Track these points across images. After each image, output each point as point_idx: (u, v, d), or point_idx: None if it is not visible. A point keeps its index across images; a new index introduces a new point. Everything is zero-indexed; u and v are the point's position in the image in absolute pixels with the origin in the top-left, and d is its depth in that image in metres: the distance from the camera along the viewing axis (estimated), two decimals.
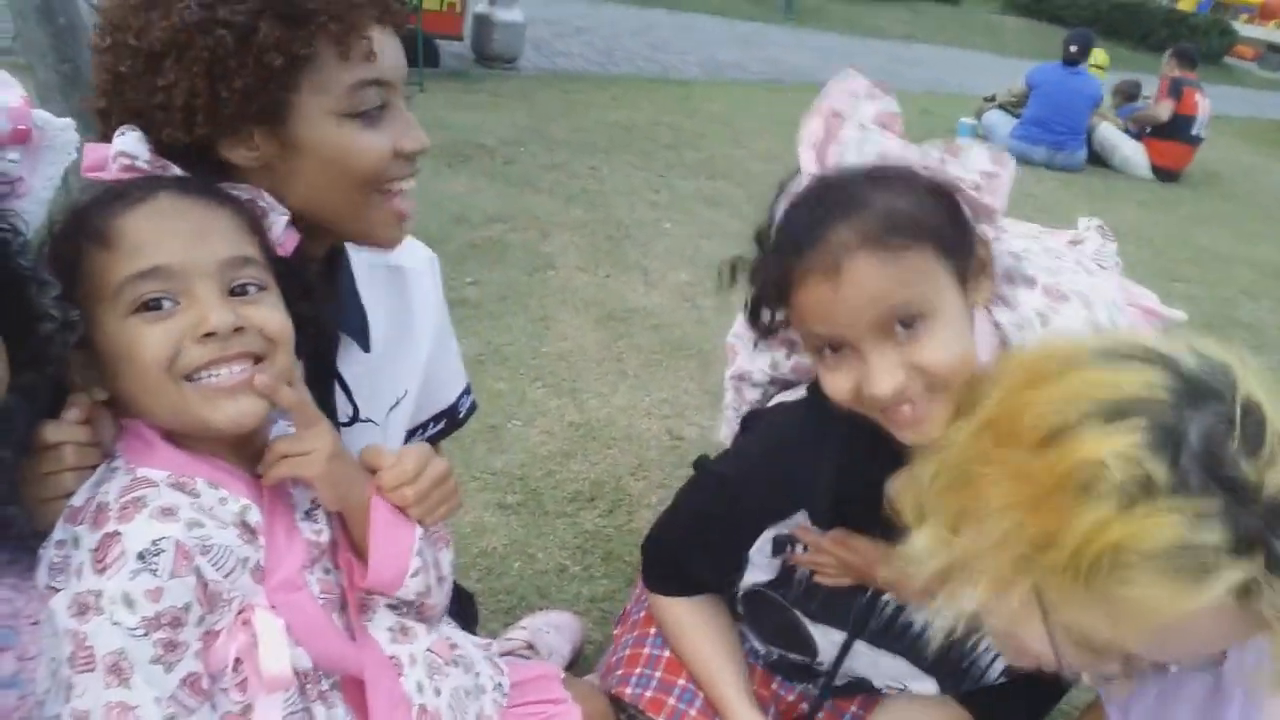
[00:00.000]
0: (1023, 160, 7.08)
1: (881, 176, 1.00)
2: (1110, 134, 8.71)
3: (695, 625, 1.46)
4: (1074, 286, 1.20)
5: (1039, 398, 0.84)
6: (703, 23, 13.72)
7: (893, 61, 13.64)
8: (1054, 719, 1.42)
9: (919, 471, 0.95)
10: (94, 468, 0.93)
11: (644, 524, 2.59)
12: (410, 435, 1.40)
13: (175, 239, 0.90)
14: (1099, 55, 9.15)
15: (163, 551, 0.86)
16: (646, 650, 1.51)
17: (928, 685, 1.35)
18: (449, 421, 1.47)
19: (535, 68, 8.58)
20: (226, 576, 0.91)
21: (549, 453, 2.84)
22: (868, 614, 1.33)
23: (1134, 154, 8.70)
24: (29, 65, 3.29)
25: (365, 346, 1.23)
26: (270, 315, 0.96)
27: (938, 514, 0.92)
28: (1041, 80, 8.37)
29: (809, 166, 1.05)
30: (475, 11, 8.10)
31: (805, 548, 1.31)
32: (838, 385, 1.04)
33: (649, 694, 1.43)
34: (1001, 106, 8.80)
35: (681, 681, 1.45)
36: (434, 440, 1.46)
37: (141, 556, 0.85)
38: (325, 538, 1.06)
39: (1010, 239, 1.18)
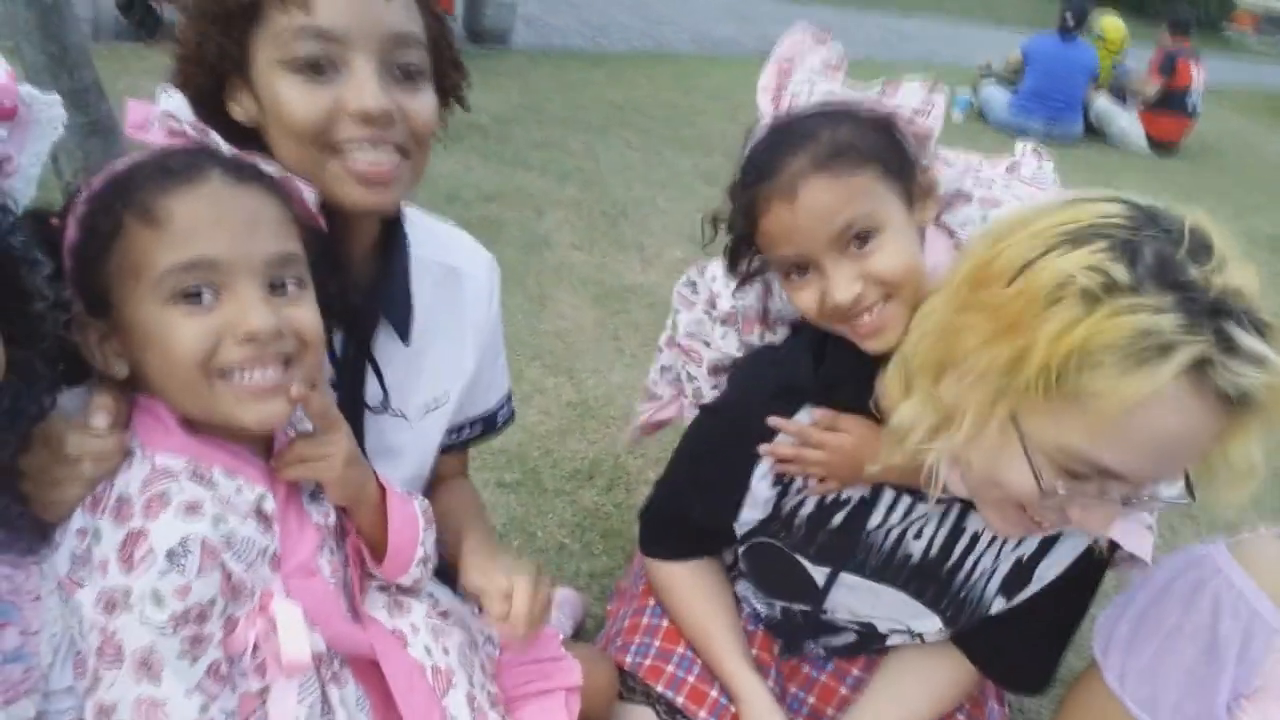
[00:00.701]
0: (1020, 132, 7.04)
1: (828, 113, 1.13)
2: (1107, 106, 8.67)
3: (692, 588, 1.47)
4: (1009, 196, 1.30)
5: (1009, 243, 0.94)
6: None
7: (887, 34, 13.54)
8: (1051, 687, 1.42)
9: (904, 349, 1.08)
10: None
11: (642, 500, 2.59)
12: (448, 434, 1.38)
13: (225, 230, 0.88)
14: (1112, 29, 8.98)
15: (190, 552, 0.86)
16: (645, 620, 1.53)
17: (930, 621, 1.35)
18: (485, 427, 1.46)
19: (527, 44, 8.50)
20: (249, 568, 0.92)
21: (547, 431, 2.84)
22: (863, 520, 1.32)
23: (1130, 126, 8.67)
24: (15, 47, 3.26)
25: (404, 338, 1.21)
26: (306, 316, 0.95)
27: (922, 375, 1.02)
28: (1037, 52, 8.32)
29: (766, 110, 1.19)
30: None
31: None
32: (805, 301, 1.17)
33: (648, 662, 1.44)
34: (997, 79, 8.74)
35: (680, 649, 1.46)
36: (469, 442, 1.45)
37: (170, 556, 0.85)
38: (331, 520, 1.07)
39: (948, 168, 1.29)
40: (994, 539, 1.28)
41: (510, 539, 2.34)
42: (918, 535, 1.30)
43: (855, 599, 1.37)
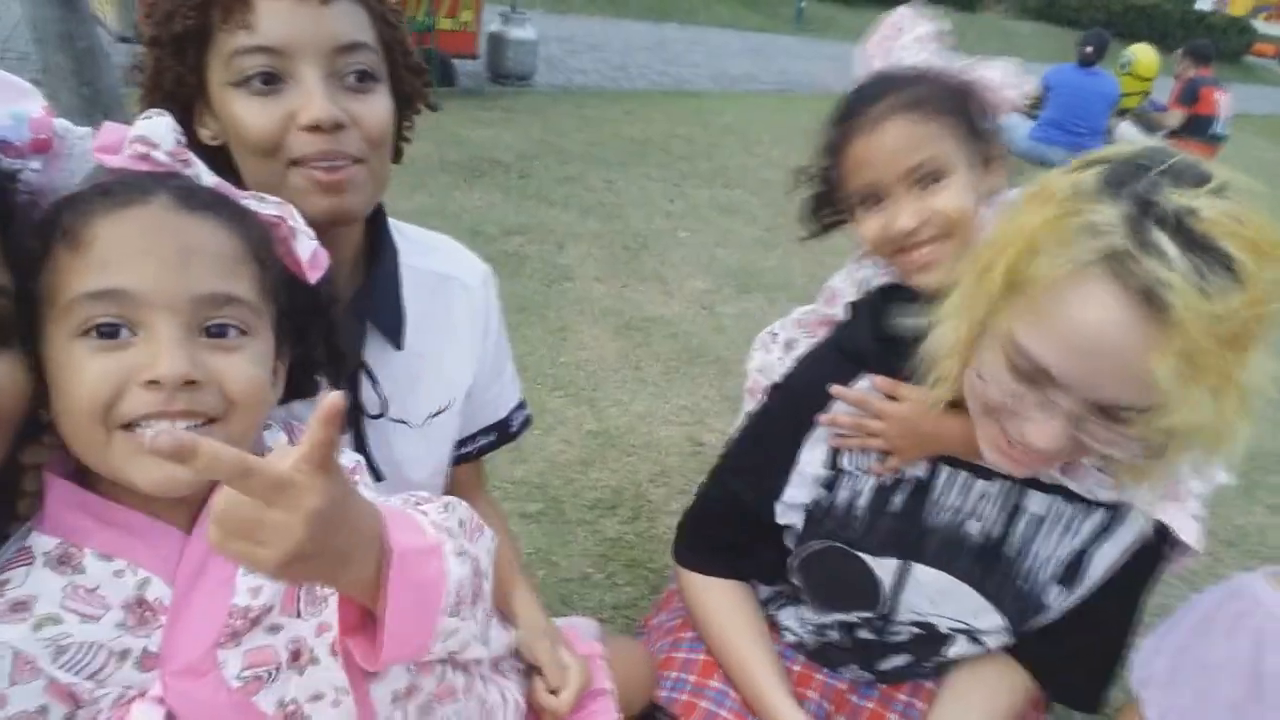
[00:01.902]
0: (1041, 161, 7.01)
1: (919, 72, 1.27)
2: (1129, 134, 8.62)
3: (730, 610, 1.44)
4: None
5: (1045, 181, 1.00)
6: (714, 36, 13.79)
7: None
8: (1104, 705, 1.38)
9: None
10: None
11: (666, 530, 2.57)
12: (460, 445, 1.38)
13: (150, 260, 0.76)
14: (1145, 60, 8.95)
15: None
16: (682, 655, 1.49)
17: (991, 618, 1.31)
18: (500, 434, 1.45)
19: (549, 84, 8.64)
20: (91, 677, 0.76)
21: (569, 461, 2.83)
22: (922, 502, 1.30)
23: None
24: (53, 93, 3.36)
25: (396, 343, 1.22)
26: (240, 370, 0.80)
27: (958, 293, 1.07)
28: (1058, 82, 8.32)
29: (868, 65, 1.32)
30: (489, 30, 8.18)
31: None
32: (870, 229, 1.27)
33: (683, 697, 1.41)
34: (1018, 109, 8.74)
35: (714, 683, 1.43)
36: (484, 451, 1.45)
37: None
38: (266, 598, 0.82)
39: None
40: (1051, 522, 1.25)
41: (533, 570, 2.32)
42: (978, 517, 1.27)
43: (919, 595, 1.34)
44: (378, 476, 1.22)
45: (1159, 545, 1.23)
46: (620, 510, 2.62)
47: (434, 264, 1.28)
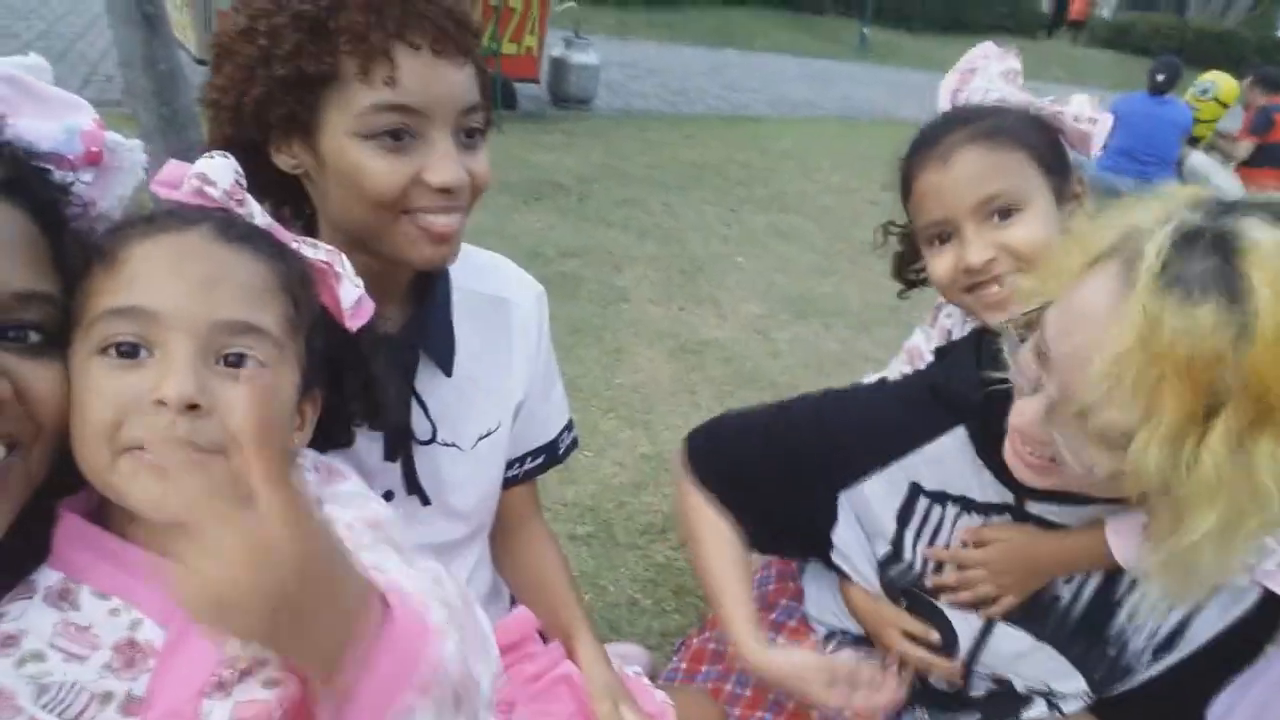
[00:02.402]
0: (1109, 192, 6.85)
1: (997, 106, 1.24)
2: (1201, 164, 8.38)
3: (719, 533, 1.34)
4: None
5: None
6: (775, 61, 13.80)
7: None
8: None
9: None
10: None
11: None
12: (508, 468, 1.39)
13: (174, 282, 0.76)
14: (1226, 88, 8.70)
15: None
16: (729, 688, 1.47)
17: (1074, 683, 1.24)
18: (548, 456, 1.45)
19: (609, 108, 8.73)
20: (73, 719, 0.74)
21: (620, 484, 2.82)
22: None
23: (1227, 184, 8.35)
24: (134, 112, 3.49)
25: (446, 370, 1.23)
26: (249, 404, 0.72)
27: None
28: (1126, 110, 8.13)
29: (943, 105, 1.30)
30: (551, 55, 8.30)
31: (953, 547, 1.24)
32: (942, 266, 1.22)
33: None
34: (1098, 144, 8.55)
35: (759, 714, 1.40)
36: (532, 474, 1.45)
37: None
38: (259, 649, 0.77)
39: None
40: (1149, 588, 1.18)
41: (583, 593, 2.31)
42: (1068, 579, 1.21)
43: (994, 653, 1.28)
44: (424, 501, 1.23)
45: (1272, 616, 1.14)
46: (671, 535, 2.60)
47: (488, 287, 1.30)
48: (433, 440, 1.23)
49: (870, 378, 1.55)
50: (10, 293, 0.73)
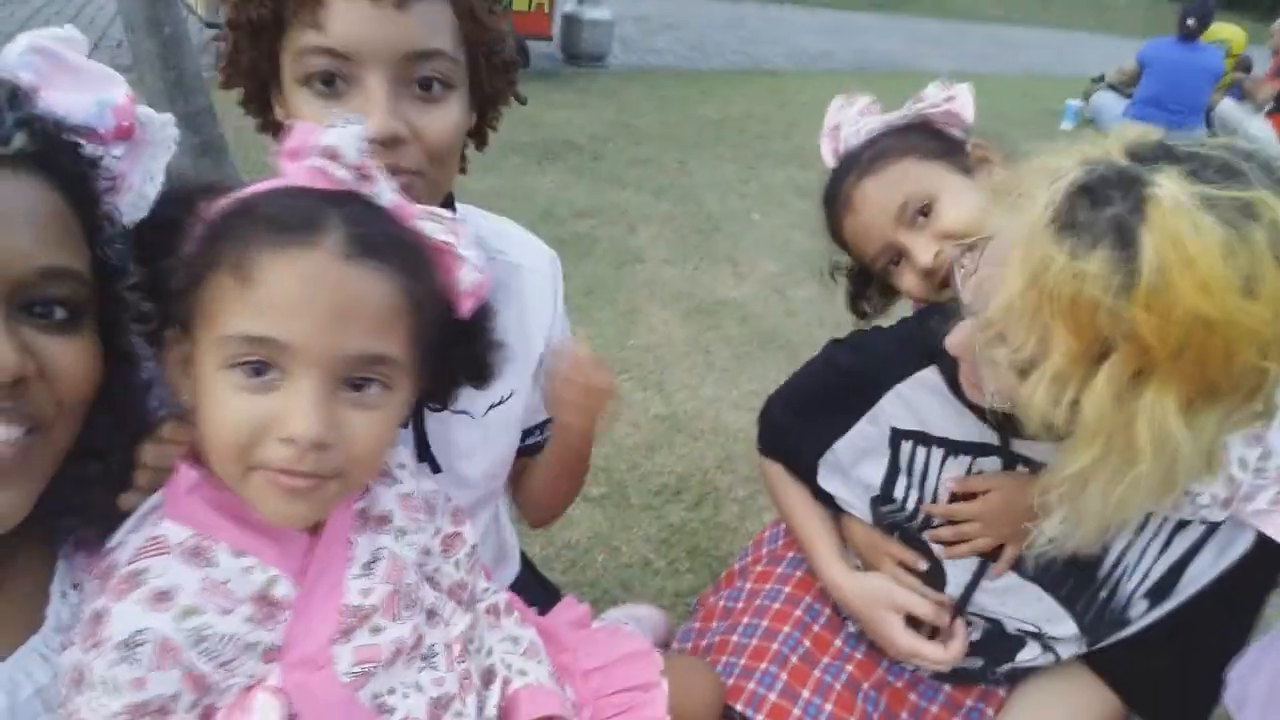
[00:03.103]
0: None
1: (867, 140, 1.34)
2: (1231, 111, 8.15)
3: (792, 491, 1.48)
4: None
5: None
6: (792, 14, 13.54)
7: (989, 45, 13.18)
8: None
9: None
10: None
11: (730, 518, 2.53)
12: (526, 435, 1.36)
13: (308, 314, 0.77)
14: (1231, 34, 8.47)
15: (143, 644, 0.76)
16: (735, 638, 1.47)
17: (1065, 625, 1.25)
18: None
19: (624, 65, 8.60)
20: (224, 665, 0.80)
21: (634, 445, 2.81)
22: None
23: (1260, 132, 8.11)
24: (139, 76, 3.46)
25: None
26: (371, 431, 0.82)
27: None
28: (1155, 57, 7.90)
29: (830, 163, 1.40)
30: (563, 11, 8.16)
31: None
32: (909, 284, 1.30)
33: (731, 681, 1.39)
34: (1111, 87, 8.35)
35: (764, 665, 1.40)
36: (543, 445, 1.43)
37: (123, 645, 0.76)
38: (376, 597, 0.90)
39: None
40: (1145, 529, 1.18)
41: (594, 554, 2.31)
42: None
43: (983, 594, 1.29)
44: (435, 469, 1.21)
45: (1273, 559, 1.13)
46: (685, 496, 2.59)
47: (499, 252, 1.26)
48: (444, 407, 1.21)
49: None
50: (37, 268, 0.72)
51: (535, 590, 1.58)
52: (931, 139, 1.32)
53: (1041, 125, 7.67)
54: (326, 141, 0.81)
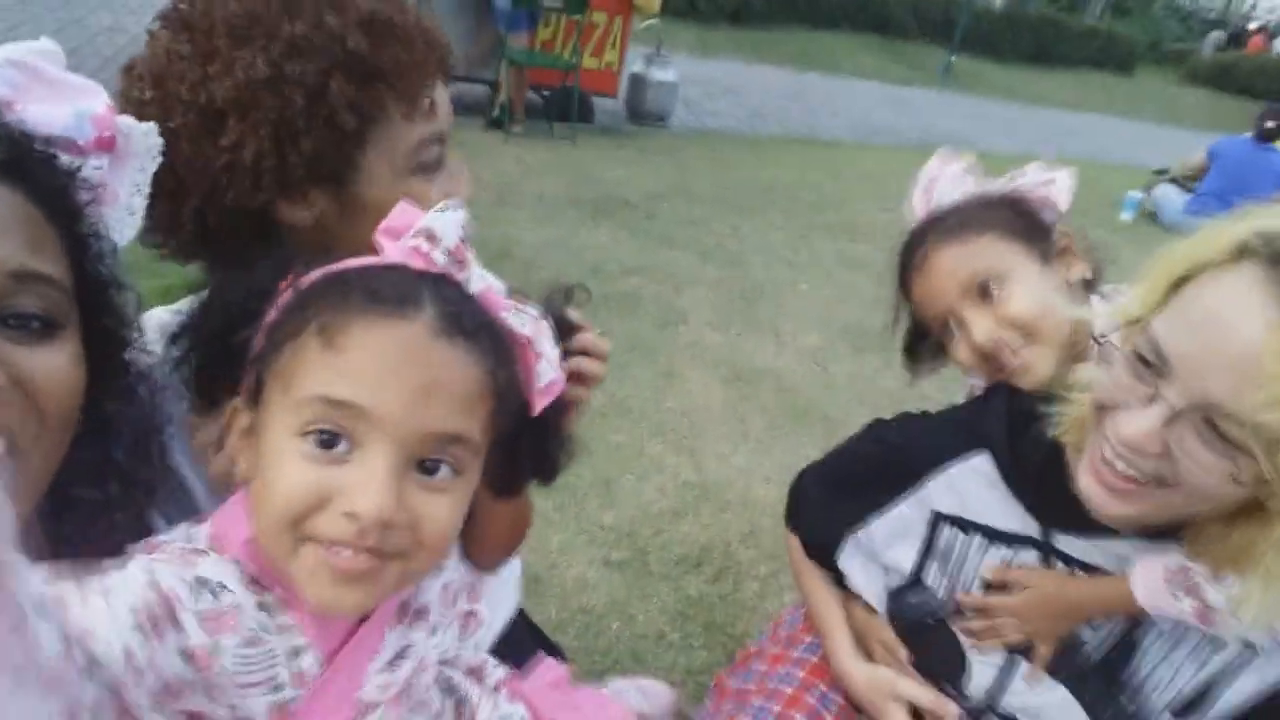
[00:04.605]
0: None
1: (959, 204, 1.34)
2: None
3: (815, 575, 1.47)
4: None
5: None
6: (858, 86, 13.66)
7: (1052, 130, 13.13)
8: None
9: None
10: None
11: (750, 595, 2.49)
12: None
13: (395, 384, 0.74)
14: None
15: (219, 593, 0.75)
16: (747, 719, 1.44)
17: None
18: None
19: (685, 126, 8.73)
20: (240, 686, 0.76)
21: (660, 510, 2.78)
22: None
23: None
24: None
25: None
26: (440, 515, 0.78)
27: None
28: (1225, 152, 7.81)
29: (917, 215, 1.40)
30: (632, 71, 8.34)
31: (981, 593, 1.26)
32: (962, 354, 1.31)
33: None
34: (1174, 180, 8.26)
35: None
36: None
37: (200, 582, 0.74)
38: (391, 693, 0.87)
39: None
40: (1177, 643, 1.15)
41: (609, 621, 2.28)
42: (1094, 625, 1.20)
43: (1015, 694, 1.27)
44: None
45: None
46: (705, 568, 2.56)
47: None
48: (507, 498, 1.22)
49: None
50: (7, 271, 0.71)
51: (527, 644, 1.55)
52: (1020, 218, 1.31)
53: (1101, 214, 7.58)
54: (428, 224, 0.80)
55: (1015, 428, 1.20)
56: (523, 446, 0.90)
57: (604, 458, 2.97)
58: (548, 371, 0.87)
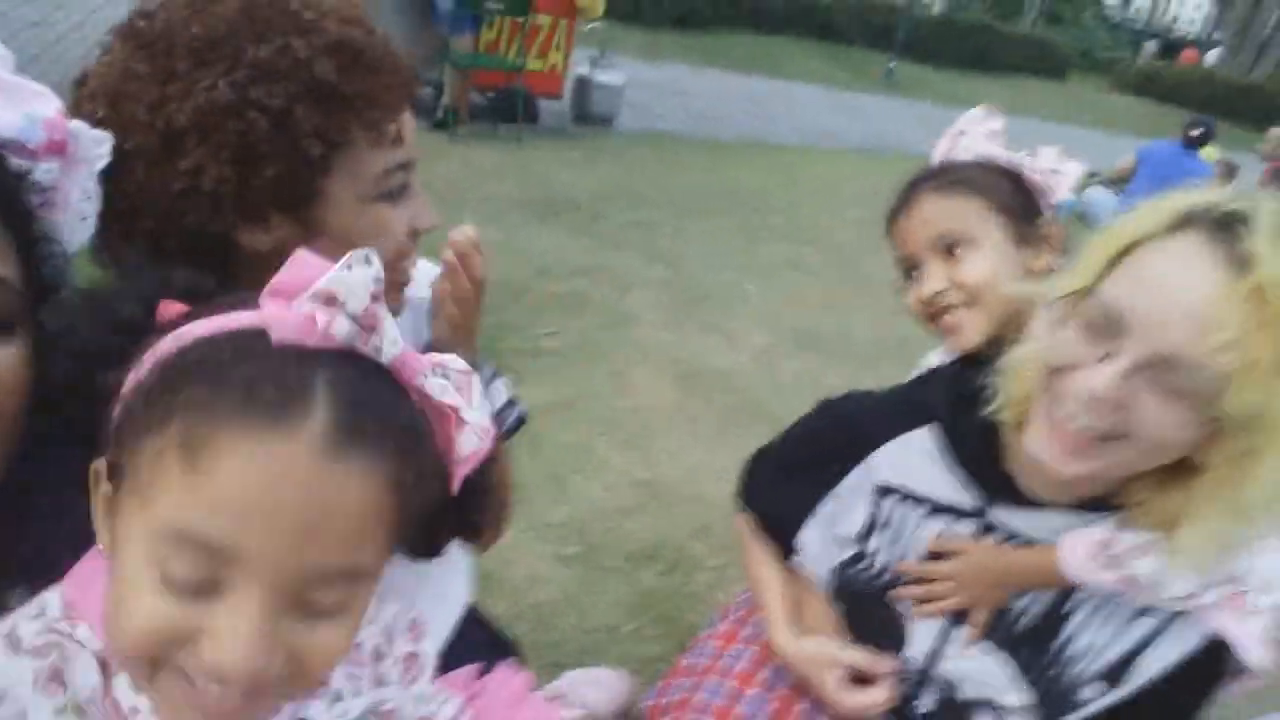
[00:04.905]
0: None
1: (968, 161, 1.38)
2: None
3: (760, 549, 1.48)
4: None
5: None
6: (801, 90, 13.82)
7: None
8: None
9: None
10: None
11: (702, 587, 2.52)
12: None
13: (267, 520, 0.60)
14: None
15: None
16: (699, 697, 1.46)
17: (1017, 698, 1.25)
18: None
19: (632, 129, 8.75)
20: None
21: (611, 508, 2.80)
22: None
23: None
24: None
25: None
26: (328, 645, 0.66)
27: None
28: (1153, 155, 8.10)
29: (934, 159, 1.44)
30: (576, 73, 8.35)
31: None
32: (910, 296, 1.38)
33: None
34: (1104, 183, 8.53)
35: None
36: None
37: None
38: None
39: None
40: (1107, 611, 1.20)
41: (563, 616, 2.29)
42: (1028, 594, 1.24)
43: (950, 657, 1.30)
44: None
45: (1223, 656, 1.15)
46: (658, 562, 2.58)
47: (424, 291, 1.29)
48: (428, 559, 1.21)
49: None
50: None
51: (482, 644, 1.55)
52: (1015, 194, 1.36)
53: None
54: (328, 285, 0.62)
55: (959, 403, 1.24)
56: (440, 519, 0.78)
57: (553, 456, 2.98)
58: (471, 440, 0.72)
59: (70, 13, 8.27)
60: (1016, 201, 1.35)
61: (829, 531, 1.38)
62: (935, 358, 1.58)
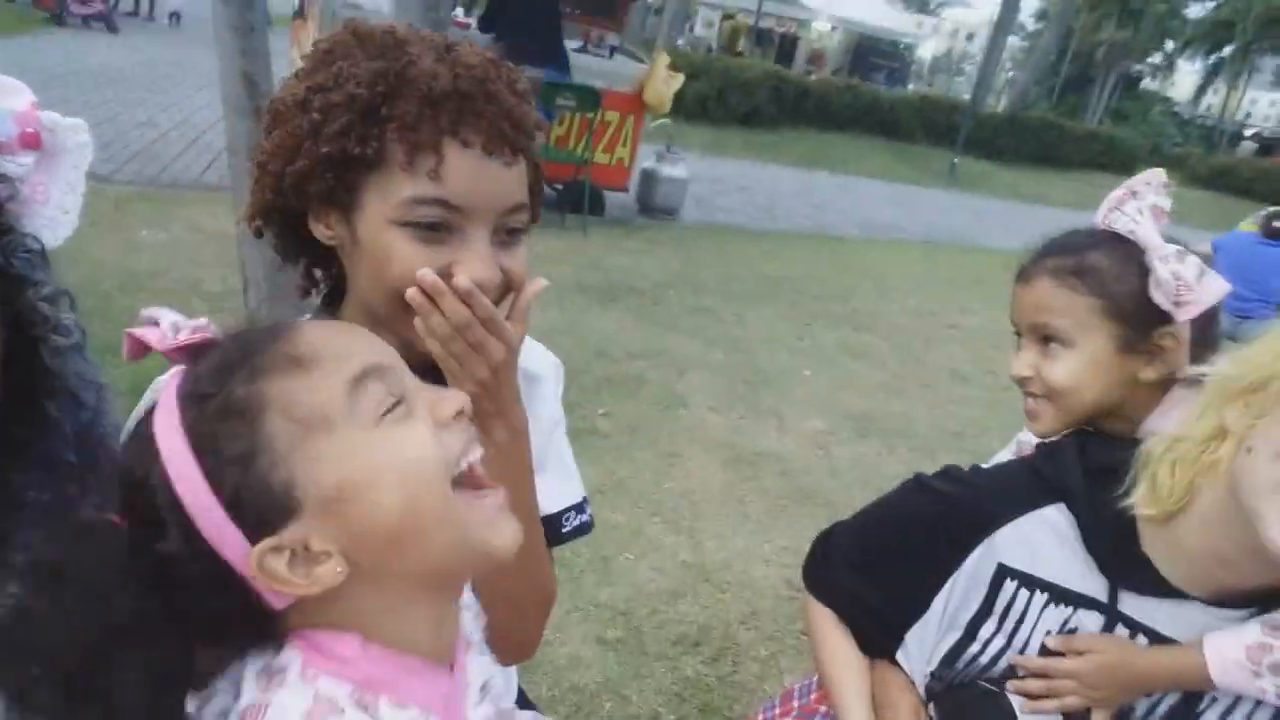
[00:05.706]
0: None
1: (1111, 240, 1.26)
2: None
3: (836, 639, 1.36)
4: None
5: None
6: (863, 185, 13.97)
7: (1054, 228, 13.20)
8: None
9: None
10: None
11: (749, 677, 2.43)
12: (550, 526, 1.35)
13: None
14: None
15: None
16: None
17: None
18: (547, 531, 1.42)
19: (695, 220, 8.92)
20: None
21: (657, 590, 2.74)
22: None
23: None
24: (239, 199, 3.71)
25: None
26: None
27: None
28: (1229, 246, 7.89)
29: (1099, 216, 1.34)
30: (643, 166, 8.59)
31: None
32: (1012, 363, 1.33)
33: None
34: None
35: None
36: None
37: None
38: None
39: None
40: (1238, 708, 1.11)
41: (602, 701, 2.23)
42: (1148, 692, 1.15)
43: None
44: None
45: None
46: (703, 649, 2.51)
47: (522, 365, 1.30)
48: None
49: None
50: None
51: None
52: (1134, 300, 1.21)
53: None
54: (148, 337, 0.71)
55: (1092, 480, 1.16)
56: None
57: (601, 536, 2.94)
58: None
59: (174, 114, 8.89)
60: (1133, 307, 1.22)
61: (936, 619, 1.26)
62: (1027, 434, 1.47)
